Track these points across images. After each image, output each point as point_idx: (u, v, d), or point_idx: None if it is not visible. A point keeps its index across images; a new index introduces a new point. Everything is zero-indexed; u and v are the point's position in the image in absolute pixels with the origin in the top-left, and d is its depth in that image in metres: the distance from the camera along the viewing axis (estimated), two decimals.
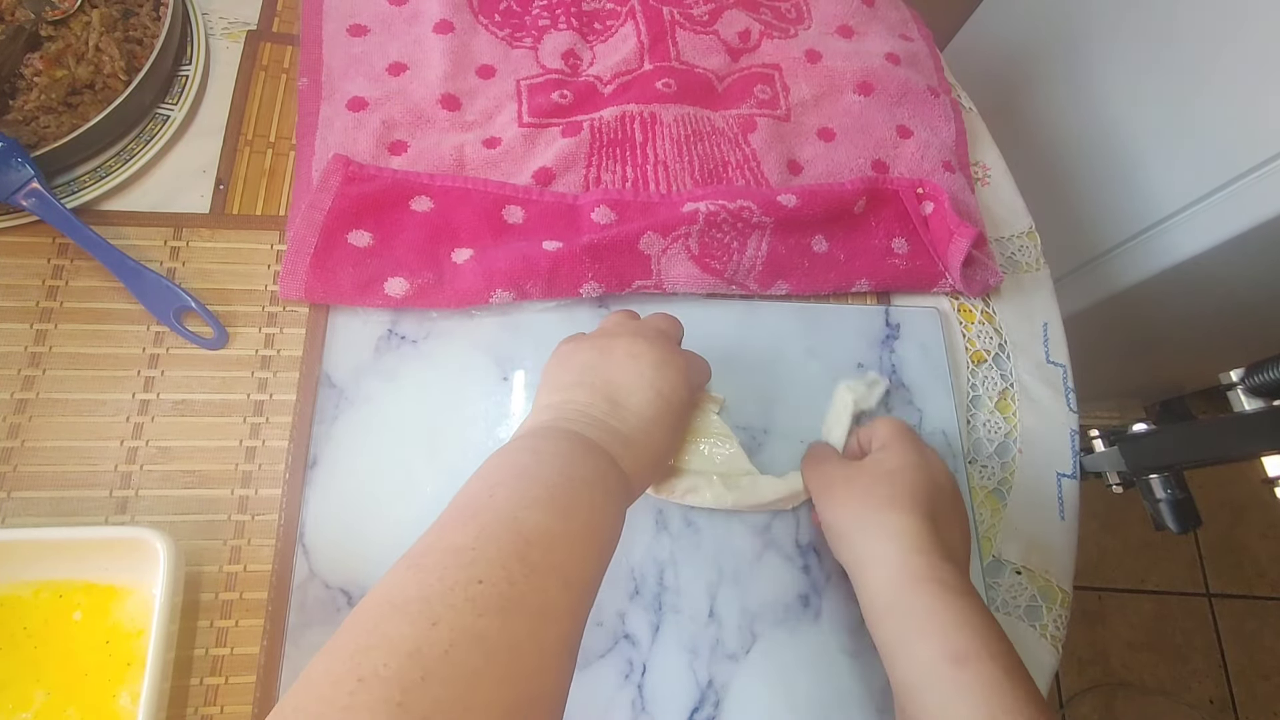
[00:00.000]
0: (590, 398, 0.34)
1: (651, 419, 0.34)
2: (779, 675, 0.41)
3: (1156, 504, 0.49)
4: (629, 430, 0.33)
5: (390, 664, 0.21)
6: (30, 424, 0.41)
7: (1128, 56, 0.81)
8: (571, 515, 0.28)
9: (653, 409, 0.34)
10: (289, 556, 0.40)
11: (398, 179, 0.48)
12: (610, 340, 0.37)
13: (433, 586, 0.24)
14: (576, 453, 0.31)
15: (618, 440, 0.33)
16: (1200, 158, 0.73)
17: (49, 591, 0.37)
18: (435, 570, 0.25)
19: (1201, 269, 0.76)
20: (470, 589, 0.24)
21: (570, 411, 0.33)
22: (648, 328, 0.39)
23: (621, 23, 0.58)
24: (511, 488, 0.28)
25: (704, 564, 0.43)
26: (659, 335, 0.38)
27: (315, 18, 0.54)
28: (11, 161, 0.42)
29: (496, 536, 0.26)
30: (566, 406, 0.34)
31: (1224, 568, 1.31)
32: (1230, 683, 1.23)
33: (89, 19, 0.48)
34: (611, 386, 0.34)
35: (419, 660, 0.22)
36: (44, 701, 0.36)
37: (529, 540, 0.26)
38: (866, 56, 0.59)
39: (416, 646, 0.22)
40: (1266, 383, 0.46)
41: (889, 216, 0.53)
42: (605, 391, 0.34)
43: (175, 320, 0.44)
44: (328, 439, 0.43)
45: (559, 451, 0.31)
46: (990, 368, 0.51)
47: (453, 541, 0.26)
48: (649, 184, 0.52)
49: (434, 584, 0.24)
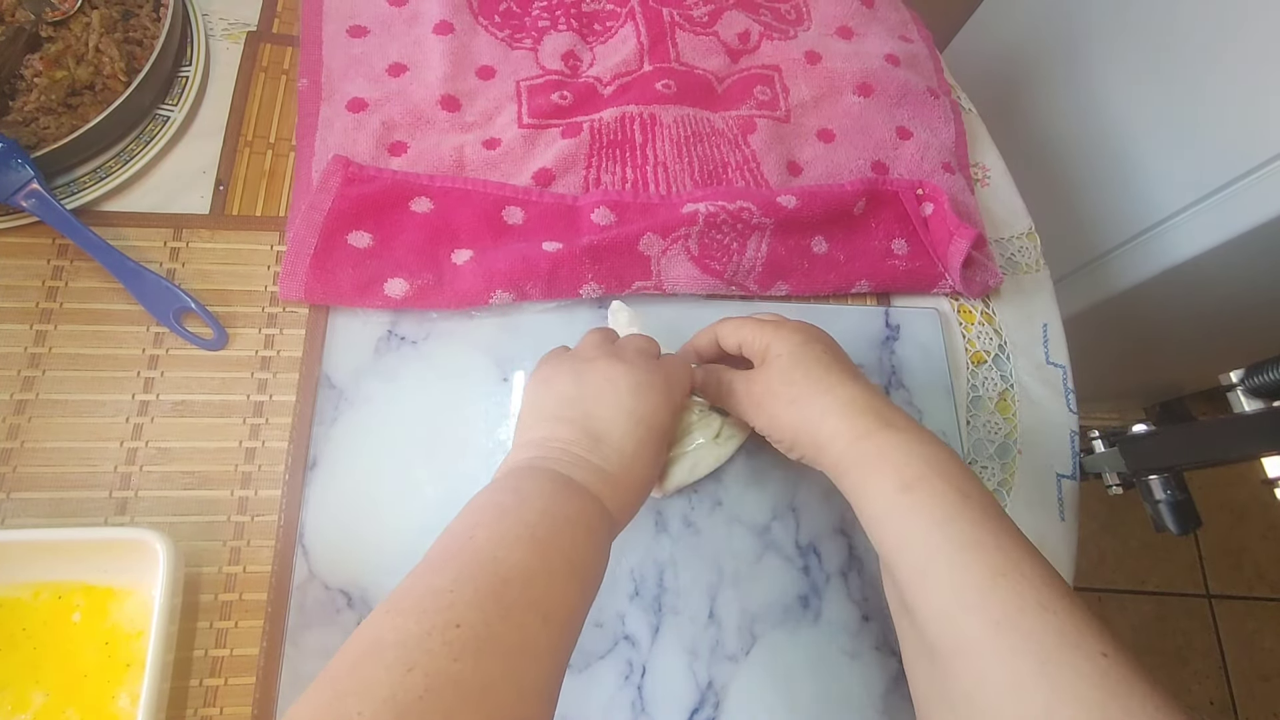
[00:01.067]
0: (572, 434, 0.34)
1: (633, 453, 0.34)
2: (779, 676, 0.41)
3: (1156, 505, 0.49)
4: (611, 467, 0.33)
5: (365, 711, 0.22)
6: (30, 425, 0.41)
7: (1128, 58, 0.82)
8: (551, 552, 0.28)
9: (634, 441, 0.34)
10: (289, 558, 0.40)
11: (397, 180, 0.48)
12: (588, 366, 0.36)
13: (410, 631, 0.24)
14: (558, 492, 0.31)
15: (600, 477, 0.33)
16: (1200, 159, 0.73)
17: (48, 592, 0.37)
18: (413, 614, 0.25)
19: (1201, 270, 0.76)
20: (448, 633, 0.24)
21: (552, 450, 0.33)
22: (625, 348, 0.38)
23: (621, 24, 0.58)
24: (491, 529, 0.28)
25: (704, 565, 0.43)
26: (637, 355, 0.37)
27: (315, 19, 0.54)
28: (11, 162, 0.42)
29: (474, 577, 0.26)
30: (548, 445, 0.34)
31: (1224, 569, 1.31)
32: (1230, 684, 1.23)
33: (89, 20, 0.48)
34: (591, 420, 0.34)
35: (393, 707, 0.22)
36: (43, 703, 0.36)
37: (506, 579, 0.26)
38: (866, 58, 0.59)
39: (391, 693, 0.22)
40: (1266, 384, 0.46)
41: (889, 218, 0.53)
42: (585, 426, 0.34)
43: (175, 321, 0.43)
44: (327, 440, 0.43)
45: (540, 491, 0.31)
46: (990, 368, 0.51)
47: (431, 584, 0.26)
48: (649, 185, 0.52)
49: (412, 628, 0.24)
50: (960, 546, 0.29)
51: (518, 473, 0.32)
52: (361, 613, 0.40)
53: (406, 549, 0.41)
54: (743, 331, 0.41)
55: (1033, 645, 0.26)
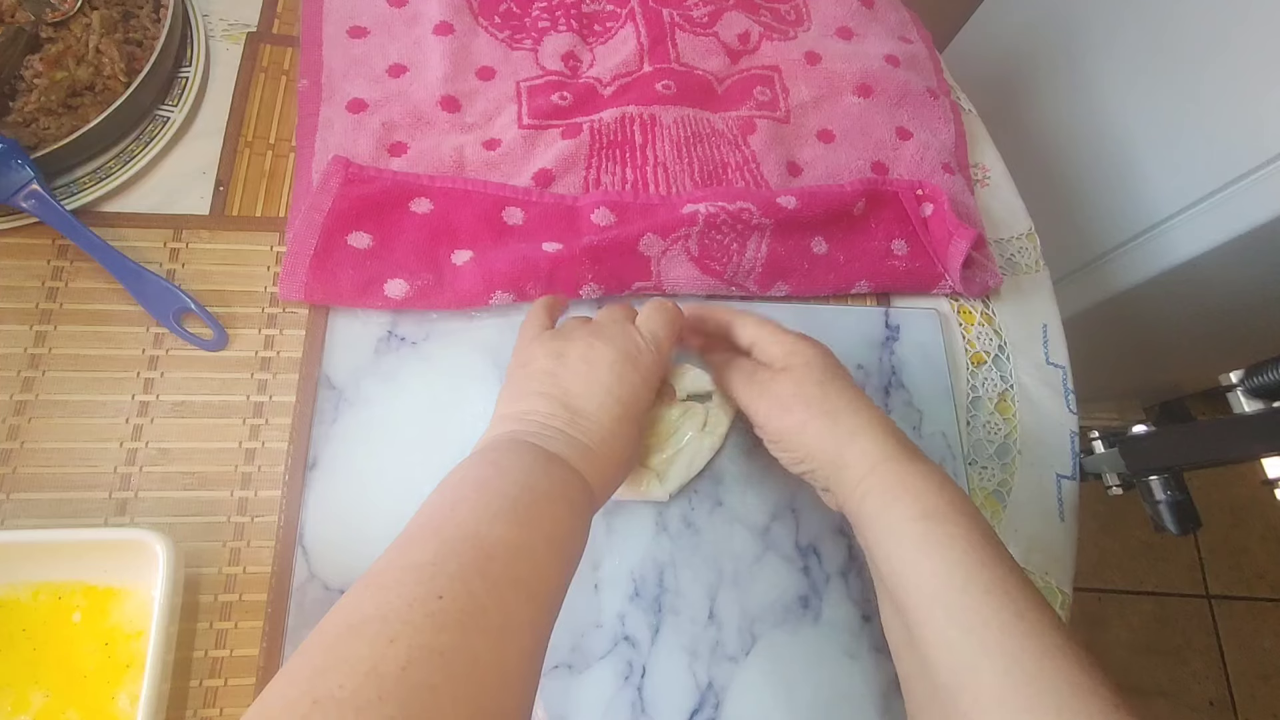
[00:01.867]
0: (550, 408, 0.34)
1: (610, 428, 0.34)
2: (779, 677, 0.41)
3: (1156, 505, 0.49)
4: (589, 440, 0.33)
5: (347, 685, 0.21)
6: (30, 425, 0.41)
7: (1128, 58, 0.82)
8: (534, 527, 0.28)
9: (611, 417, 0.34)
10: (288, 558, 0.40)
11: (397, 180, 0.48)
12: (566, 344, 0.36)
13: (391, 604, 0.24)
14: (538, 465, 0.31)
15: (579, 450, 0.33)
16: (1199, 160, 0.73)
17: (48, 593, 0.37)
18: (394, 588, 0.24)
19: (1201, 271, 0.76)
20: (430, 604, 0.24)
21: (530, 424, 0.33)
22: (604, 325, 0.38)
23: (621, 24, 0.58)
24: (473, 502, 0.28)
25: (704, 565, 0.43)
26: (615, 327, 0.37)
27: (315, 19, 0.54)
28: (11, 163, 0.42)
29: (458, 552, 0.26)
30: (526, 418, 0.34)
31: (1223, 569, 1.31)
32: (1230, 685, 1.23)
33: (89, 21, 0.48)
34: (570, 395, 0.34)
35: (375, 680, 0.21)
36: (43, 703, 0.36)
37: (490, 554, 0.26)
38: (866, 58, 0.60)
39: (373, 666, 0.22)
40: (1266, 384, 0.46)
41: (888, 218, 0.53)
42: (564, 400, 0.34)
43: (175, 322, 0.43)
44: (327, 440, 0.43)
45: (520, 464, 0.30)
46: (990, 369, 0.51)
47: (413, 558, 0.26)
48: (649, 186, 0.52)
49: (393, 601, 0.24)
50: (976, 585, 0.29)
51: (497, 446, 0.32)
52: None
53: None
54: (762, 330, 0.41)
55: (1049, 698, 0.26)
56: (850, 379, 0.39)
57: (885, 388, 0.49)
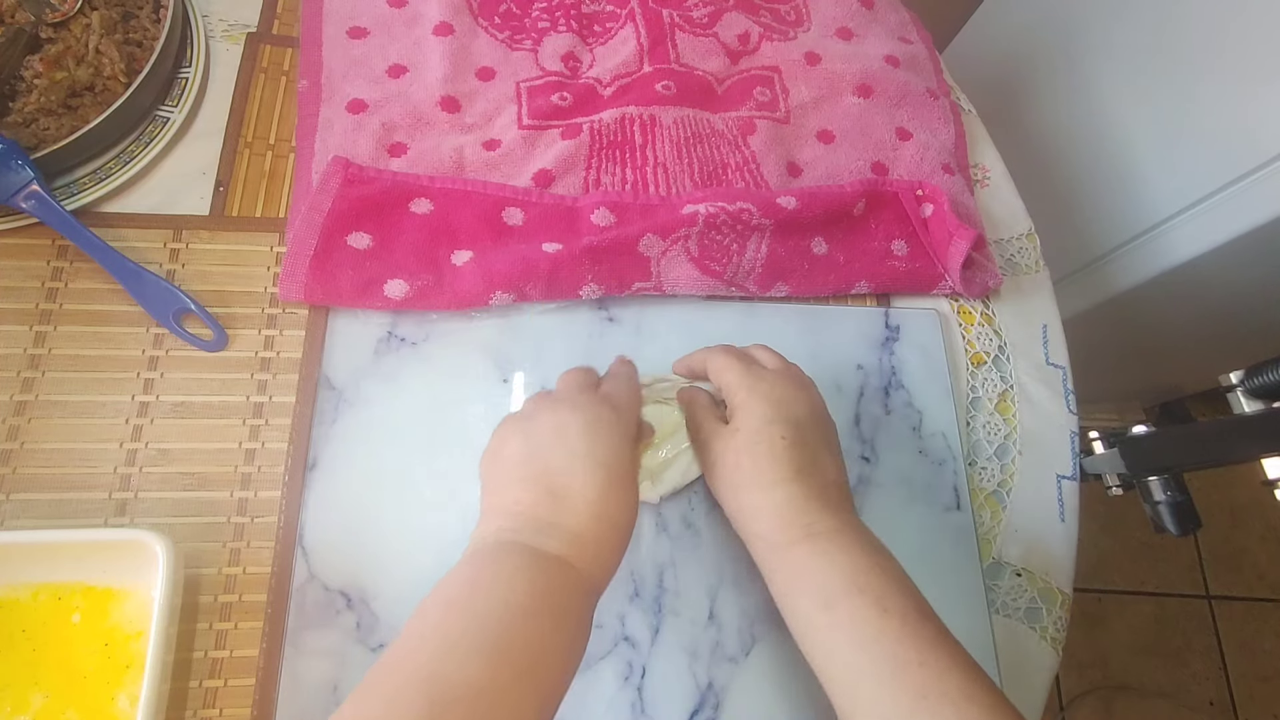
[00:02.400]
0: (532, 495, 0.33)
1: (599, 500, 0.33)
2: (779, 677, 0.41)
3: (1156, 506, 0.49)
4: (579, 523, 0.32)
5: None
6: (29, 426, 0.41)
7: (1127, 59, 0.82)
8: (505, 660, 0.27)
9: (596, 488, 0.33)
10: (288, 559, 0.40)
11: (397, 181, 0.48)
12: (532, 422, 0.35)
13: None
14: (520, 575, 0.30)
15: (567, 539, 0.32)
16: (1199, 161, 0.73)
17: (48, 594, 0.37)
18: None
19: (1201, 271, 0.76)
20: None
21: (515, 520, 0.32)
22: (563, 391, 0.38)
23: (621, 25, 0.58)
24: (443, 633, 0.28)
25: (704, 566, 0.43)
26: (579, 393, 0.37)
27: (315, 20, 0.54)
28: (11, 163, 0.42)
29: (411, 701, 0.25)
30: (512, 513, 0.33)
31: (1223, 570, 1.31)
32: (1230, 685, 1.23)
33: (89, 21, 0.48)
34: (550, 474, 0.33)
35: None
36: (42, 704, 0.36)
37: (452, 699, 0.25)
38: (866, 59, 0.60)
39: None
40: (1266, 385, 0.46)
41: (888, 218, 0.53)
42: (545, 483, 0.33)
43: (175, 322, 0.43)
44: (327, 441, 0.43)
45: (501, 576, 0.30)
46: (990, 369, 0.51)
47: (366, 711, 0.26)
48: (648, 186, 0.52)
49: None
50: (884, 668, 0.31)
51: (480, 553, 0.31)
52: (361, 614, 0.40)
53: (406, 550, 0.41)
54: (726, 377, 0.40)
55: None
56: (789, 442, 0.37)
57: (885, 388, 0.49)
